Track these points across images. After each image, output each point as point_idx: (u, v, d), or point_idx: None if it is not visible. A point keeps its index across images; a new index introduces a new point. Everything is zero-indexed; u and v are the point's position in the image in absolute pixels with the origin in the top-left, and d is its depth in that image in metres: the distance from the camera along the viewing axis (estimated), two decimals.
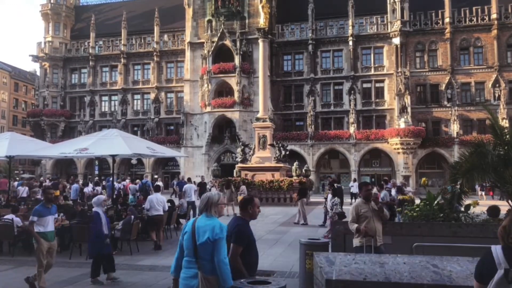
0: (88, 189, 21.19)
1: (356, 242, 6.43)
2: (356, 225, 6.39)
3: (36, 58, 51.42)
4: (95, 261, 7.97)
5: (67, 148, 12.92)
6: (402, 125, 39.09)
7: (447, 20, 40.88)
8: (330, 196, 14.45)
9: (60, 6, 51.83)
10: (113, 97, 49.82)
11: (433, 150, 39.99)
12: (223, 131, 44.01)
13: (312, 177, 34.79)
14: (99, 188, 22.55)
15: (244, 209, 4.65)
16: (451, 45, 40.92)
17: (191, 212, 16.55)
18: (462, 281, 3.28)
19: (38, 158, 33.58)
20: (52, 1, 51.46)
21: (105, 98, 50.22)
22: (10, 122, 67.28)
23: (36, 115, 49.87)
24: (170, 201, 15.59)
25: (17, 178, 30.05)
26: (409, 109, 39.64)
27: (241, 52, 42.20)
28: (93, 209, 8.25)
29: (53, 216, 7.74)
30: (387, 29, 42.06)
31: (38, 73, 55.07)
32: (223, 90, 43.51)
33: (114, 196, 15.33)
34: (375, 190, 11.30)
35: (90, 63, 49.74)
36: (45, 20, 51.44)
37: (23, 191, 19.33)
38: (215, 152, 43.55)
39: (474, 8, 40.75)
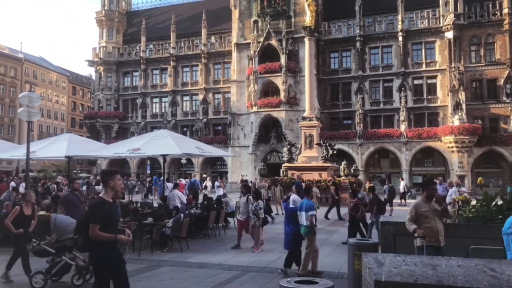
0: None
1: (418, 242, 6.23)
2: (414, 226, 6.16)
3: (91, 63, 54.03)
4: (290, 254, 8.67)
5: (121, 148, 13.55)
6: (456, 123, 37.36)
7: (505, 10, 38.60)
8: (244, 198, 11.76)
9: (113, 13, 54.07)
10: (163, 99, 51.36)
11: (490, 149, 37.93)
12: (269, 130, 44.09)
13: (361, 177, 33.98)
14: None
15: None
16: (511, 37, 38.61)
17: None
18: None
19: (94, 158, 35.21)
20: (106, 8, 53.85)
21: (155, 100, 51.88)
22: (69, 124, 71.31)
23: (92, 117, 52.41)
24: (218, 200, 15.81)
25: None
26: (463, 106, 37.82)
27: (287, 51, 42.03)
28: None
29: None
30: (439, 23, 40.36)
31: (93, 77, 57.79)
32: (269, 90, 43.58)
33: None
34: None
35: (142, 66, 51.54)
36: (99, 26, 53.91)
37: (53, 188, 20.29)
38: (261, 152, 43.73)
39: None
